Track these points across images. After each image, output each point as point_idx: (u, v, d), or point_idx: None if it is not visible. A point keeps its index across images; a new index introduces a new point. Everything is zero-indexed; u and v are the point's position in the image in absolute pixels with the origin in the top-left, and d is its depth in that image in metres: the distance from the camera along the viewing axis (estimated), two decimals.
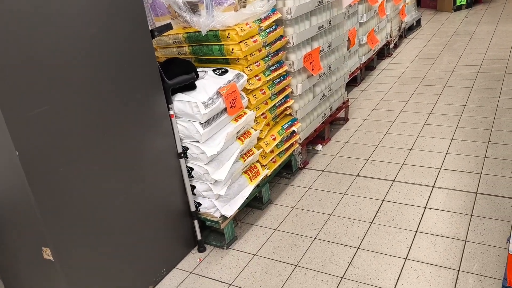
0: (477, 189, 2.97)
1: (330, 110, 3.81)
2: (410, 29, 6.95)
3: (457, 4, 7.81)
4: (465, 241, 2.54)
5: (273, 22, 2.90)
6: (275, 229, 2.85)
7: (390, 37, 5.82)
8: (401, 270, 2.40)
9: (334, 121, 4.17)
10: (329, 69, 3.65)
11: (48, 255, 1.95)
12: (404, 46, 6.26)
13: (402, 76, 5.17)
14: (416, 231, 2.67)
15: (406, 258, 2.47)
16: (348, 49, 4.44)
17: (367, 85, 5.07)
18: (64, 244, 1.96)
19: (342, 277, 2.40)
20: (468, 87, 4.60)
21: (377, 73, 5.39)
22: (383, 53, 5.84)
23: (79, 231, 2.02)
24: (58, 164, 1.88)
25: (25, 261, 2.10)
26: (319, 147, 3.76)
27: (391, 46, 5.92)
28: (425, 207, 2.87)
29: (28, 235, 1.97)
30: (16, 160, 1.74)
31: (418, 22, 7.13)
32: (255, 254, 2.65)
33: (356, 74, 4.92)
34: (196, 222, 2.69)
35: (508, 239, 1.94)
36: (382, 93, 4.78)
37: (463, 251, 2.47)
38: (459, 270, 2.35)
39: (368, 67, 5.45)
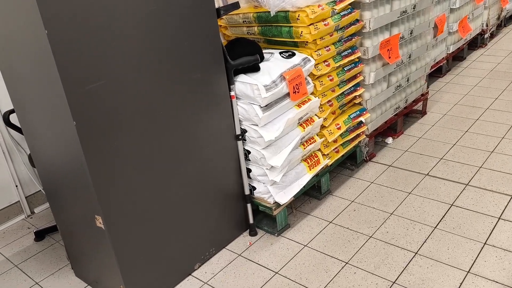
0: None
1: (406, 102, 3.57)
2: None
3: None
4: None
5: (348, 4, 2.73)
6: (330, 222, 2.75)
7: (486, 25, 5.31)
8: (461, 283, 2.20)
9: (410, 113, 3.91)
10: (409, 58, 3.40)
11: (100, 223, 2.03)
12: (501, 37, 5.70)
13: (495, 70, 4.71)
14: (485, 243, 2.43)
15: (468, 272, 2.27)
16: (434, 37, 4.12)
17: (453, 77, 4.69)
18: (115, 215, 2.02)
19: (394, 282, 2.26)
20: None
21: (466, 65, 4.96)
22: (476, 43, 5.36)
23: (130, 204, 2.07)
24: (113, 137, 1.92)
25: (81, 227, 2.21)
26: (389, 140, 3.56)
27: (486, 35, 5.41)
28: (499, 218, 2.60)
29: (83, 202, 2.06)
30: (74, 130, 1.80)
31: None
32: (305, 245, 2.58)
33: (441, 64, 4.56)
34: (249, 206, 2.67)
35: None
36: (469, 87, 4.39)
37: None
38: None
39: (457, 57, 5.03)
